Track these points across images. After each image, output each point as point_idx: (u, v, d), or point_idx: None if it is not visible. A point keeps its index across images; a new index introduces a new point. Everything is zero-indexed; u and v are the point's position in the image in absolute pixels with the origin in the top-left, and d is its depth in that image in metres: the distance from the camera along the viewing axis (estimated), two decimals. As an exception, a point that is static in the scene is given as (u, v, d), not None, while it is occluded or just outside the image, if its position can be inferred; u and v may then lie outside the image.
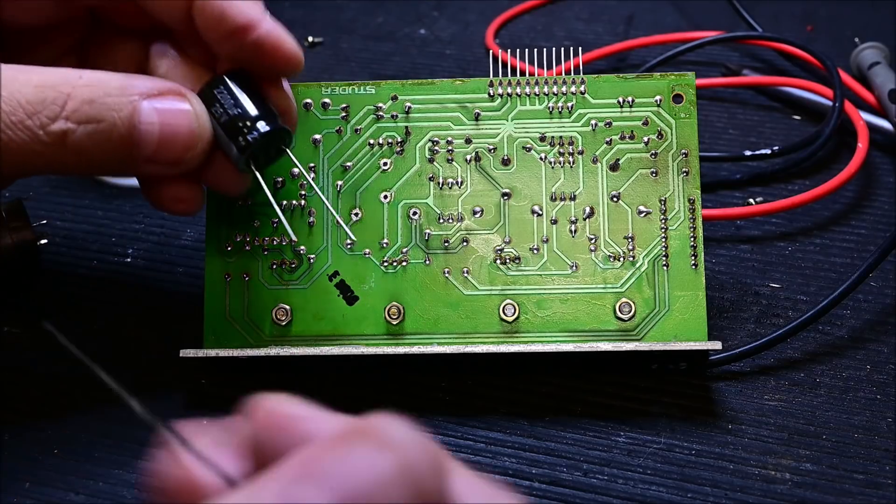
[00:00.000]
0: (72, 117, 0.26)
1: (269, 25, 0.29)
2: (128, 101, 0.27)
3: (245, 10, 0.29)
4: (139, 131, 0.27)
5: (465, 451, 0.31)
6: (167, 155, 0.28)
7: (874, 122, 0.46)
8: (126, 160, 0.28)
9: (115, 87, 0.27)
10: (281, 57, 0.29)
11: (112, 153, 0.27)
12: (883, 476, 0.30)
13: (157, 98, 0.28)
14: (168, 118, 0.28)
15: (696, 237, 0.33)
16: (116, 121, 0.27)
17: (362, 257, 0.34)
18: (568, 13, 0.60)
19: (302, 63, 0.30)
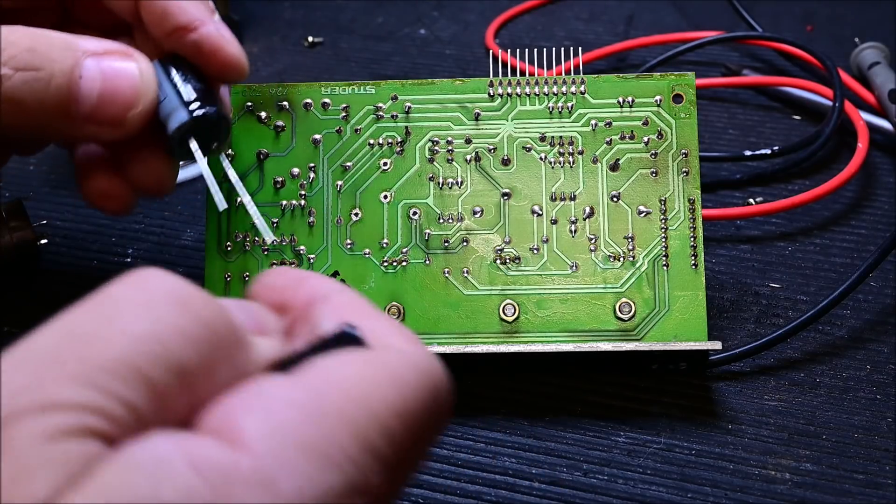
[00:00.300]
0: (9, 63, 0.26)
1: (210, 28, 0.28)
2: (71, 55, 0.27)
3: (187, 10, 0.28)
4: (78, 85, 0.27)
5: (465, 451, 0.31)
6: (107, 113, 0.27)
7: (874, 122, 0.46)
8: (63, 116, 0.27)
9: (60, 40, 0.27)
10: (220, 61, 0.29)
11: (48, 106, 0.26)
12: (883, 476, 0.30)
13: (103, 56, 0.27)
14: (111, 75, 0.27)
15: (696, 237, 0.33)
16: (56, 71, 0.26)
17: (362, 257, 0.34)
18: (568, 13, 0.60)
19: (245, 70, 0.30)
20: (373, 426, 0.17)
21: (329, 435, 0.17)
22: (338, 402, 0.17)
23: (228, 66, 0.29)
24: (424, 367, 0.19)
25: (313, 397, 0.17)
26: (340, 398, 0.17)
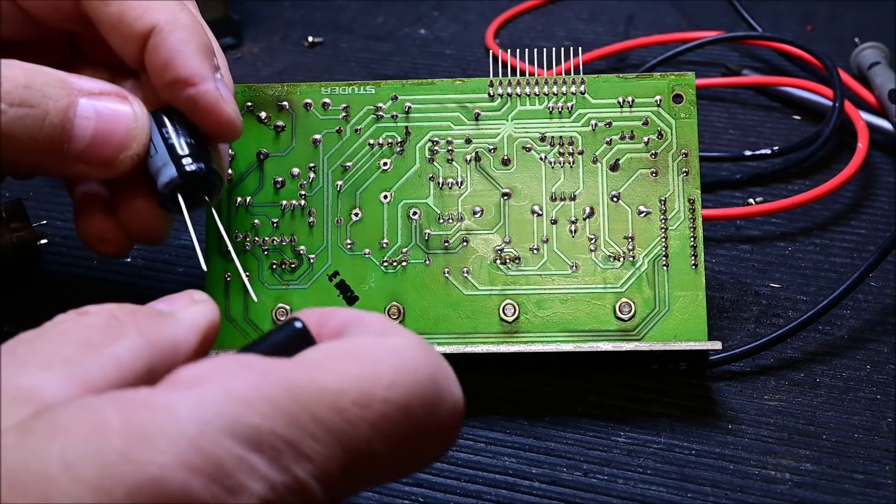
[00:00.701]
0: (5, 98, 0.26)
1: (209, 86, 0.28)
2: (66, 94, 0.27)
3: (190, 65, 0.28)
4: (73, 124, 0.27)
5: (465, 451, 0.31)
6: (99, 154, 0.27)
7: (874, 122, 0.46)
8: (56, 154, 0.27)
9: (57, 78, 0.27)
10: (213, 120, 0.29)
11: (41, 143, 0.26)
12: (883, 476, 0.30)
13: (98, 97, 0.27)
14: (105, 117, 0.27)
15: (696, 237, 0.33)
16: (50, 109, 0.26)
17: (362, 257, 0.34)
18: (568, 13, 0.60)
19: (238, 133, 0.29)
20: (319, 407, 0.18)
21: (261, 395, 0.18)
22: (289, 378, 0.19)
23: (222, 126, 0.29)
24: (411, 368, 0.20)
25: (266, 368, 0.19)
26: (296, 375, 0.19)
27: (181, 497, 0.17)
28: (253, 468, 0.17)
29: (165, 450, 0.17)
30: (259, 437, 0.18)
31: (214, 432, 0.17)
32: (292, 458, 0.18)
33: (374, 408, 0.19)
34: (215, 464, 0.17)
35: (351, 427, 0.18)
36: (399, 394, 0.19)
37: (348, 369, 0.19)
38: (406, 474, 0.21)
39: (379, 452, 0.19)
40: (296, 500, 0.18)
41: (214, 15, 0.55)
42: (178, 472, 0.17)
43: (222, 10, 0.56)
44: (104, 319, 0.21)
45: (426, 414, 0.19)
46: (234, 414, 0.18)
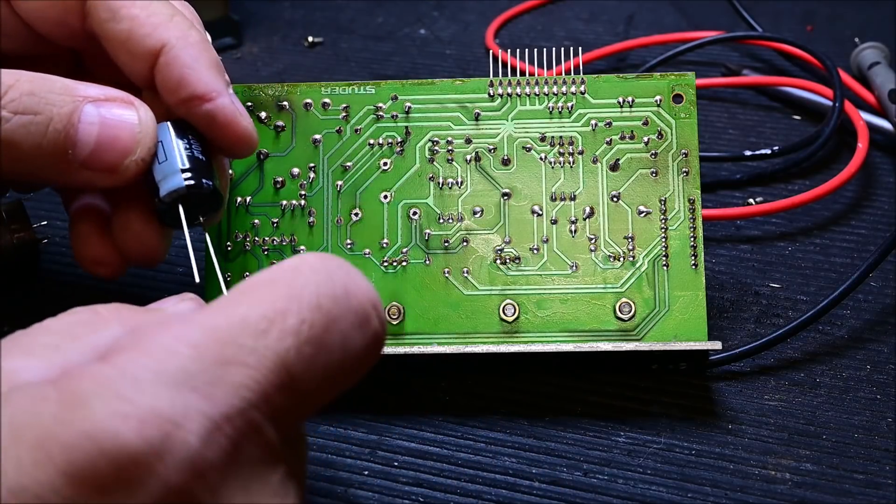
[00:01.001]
0: (8, 106, 0.26)
1: (226, 100, 0.28)
2: (70, 100, 0.27)
3: (205, 80, 0.28)
4: (76, 130, 0.27)
5: (465, 451, 0.31)
6: (103, 159, 0.27)
7: (874, 122, 0.46)
8: (60, 161, 0.27)
9: (61, 86, 0.27)
10: (232, 134, 0.29)
11: (45, 150, 0.26)
12: (883, 476, 0.30)
13: (103, 103, 0.27)
14: (109, 122, 0.27)
15: (696, 237, 0.33)
16: (54, 115, 0.26)
17: (362, 257, 0.34)
18: (568, 13, 0.60)
19: (254, 146, 0.30)
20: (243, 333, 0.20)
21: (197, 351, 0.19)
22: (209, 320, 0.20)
23: (240, 139, 0.29)
24: (309, 272, 0.21)
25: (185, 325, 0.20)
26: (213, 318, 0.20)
27: (113, 446, 0.17)
28: (187, 406, 0.18)
29: (97, 407, 0.18)
30: (188, 378, 0.19)
31: (143, 384, 0.18)
32: (226, 390, 0.19)
33: (291, 317, 0.20)
34: (145, 409, 0.18)
35: (277, 342, 0.20)
36: (308, 297, 0.20)
37: (257, 295, 0.20)
38: (346, 381, 0.22)
39: (310, 358, 0.20)
40: (240, 432, 0.19)
41: (214, 15, 0.55)
42: (108, 424, 0.18)
43: (222, 10, 0.56)
44: (88, 316, 0.22)
45: (340, 306, 0.21)
46: (159, 364, 0.19)
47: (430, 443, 0.31)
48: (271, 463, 0.20)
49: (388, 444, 0.31)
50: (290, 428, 0.21)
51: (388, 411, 0.32)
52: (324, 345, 0.20)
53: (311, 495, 0.29)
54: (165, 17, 0.28)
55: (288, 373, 0.20)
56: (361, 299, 0.21)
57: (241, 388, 0.19)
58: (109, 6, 0.28)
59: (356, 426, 0.32)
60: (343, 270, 0.22)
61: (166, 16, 0.28)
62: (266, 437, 0.19)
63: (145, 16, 0.28)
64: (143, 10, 0.28)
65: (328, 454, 0.31)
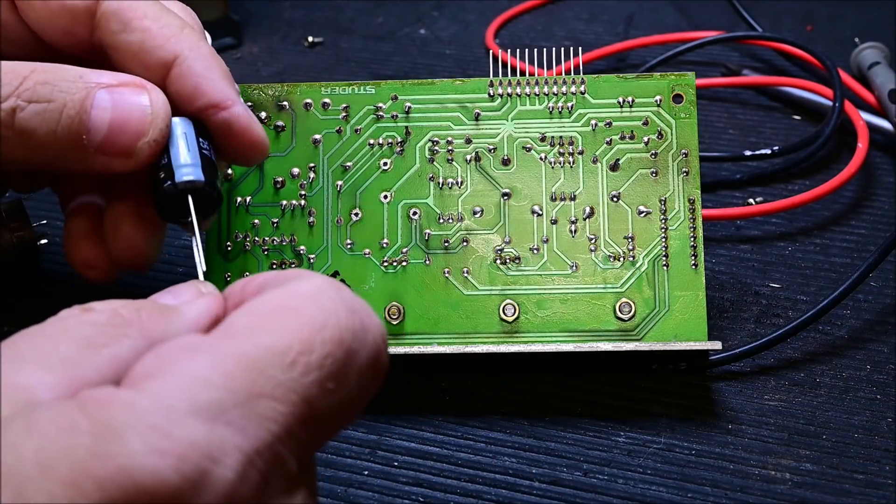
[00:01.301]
0: (23, 95, 0.26)
1: (241, 109, 0.29)
2: (83, 86, 0.27)
3: (220, 89, 0.28)
4: (90, 115, 0.27)
5: (465, 451, 0.31)
6: (117, 142, 0.27)
7: (874, 122, 0.46)
8: (75, 147, 0.27)
9: (74, 73, 0.27)
10: (248, 140, 0.29)
11: (60, 137, 0.27)
12: (883, 476, 0.30)
13: (116, 88, 0.27)
14: (121, 105, 0.27)
15: (696, 237, 0.33)
16: (67, 102, 0.26)
17: (362, 257, 0.34)
18: (568, 13, 0.60)
19: (267, 153, 0.30)
20: (271, 362, 0.19)
21: (226, 375, 0.19)
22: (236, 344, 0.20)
23: (255, 146, 0.29)
24: (332, 307, 0.21)
25: (215, 345, 0.20)
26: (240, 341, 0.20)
27: (152, 482, 0.17)
28: (223, 441, 0.18)
29: (132, 440, 0.17)
30: (222, 410, 0.18)
31: (178, 416, 0.18)
32: (258, 423, 0.19)
33: (316, 351, 0.20)
34: (184, 444, 0.18)
35: (302, 376, 0.19)
36: (332, 332, 0.20)
37: (282, 324, 0.20)
38: (359, 410, 0.22)
39: (330, 392, 0.20)
40: (269, 466, 0.19)
41: (214, 15, 0.55)
42: (146, 459, 0.17)
43: (222, 10, 0.56)
44: (107, 318, 0.21)
45: (358, 342, 0.21)
46: (192, 394, 0.18)
47: (430, 443, 0.31)
48: (293, 492, 0.20)
49: (388, 444, 0.31)
50: (309, 457, 0.21)
51: (388, 411, 0.32)
52: (343, 379, 0.20)
53: (311, 495, 0.29)
54: (176, 29, 0.29)
55: (310, 407, 0.20)
56: (376, 335, 0.21)
57: (270, 421, 0.19)
58: (121, 18, 0.28)
59: (356, 426, 0.32)
60: (358, 304, 0.21)
61: (177, 28, 0.29)
62: (289, 469, 0.19)
63: (157, 28, 0.28)
64: (155, 22, 0.28)
65: (328, 454, 0.31)
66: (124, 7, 0.29)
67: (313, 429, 0.20)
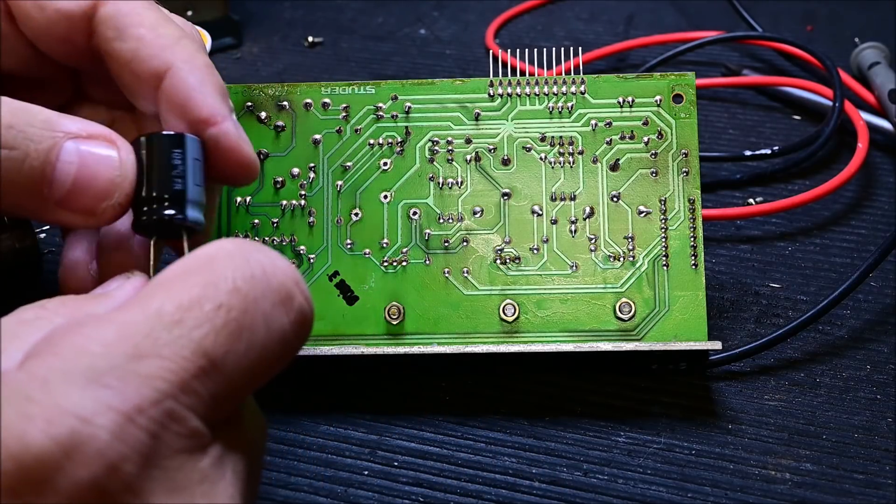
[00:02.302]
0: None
1: (230, 125, 0.27)
2: (50, 136, 0.25)
3: (210, 103, 0.27)
4: (54, 168, 0.25)
5: (465, 451, 0.31)
6: (80, 201, 0.26)
7: (874, 122, 0.46)
8: (36, 199, 0.25)
9: (42, 119, 0.25)
10: (235, 159, 0.27)
11: (20, 187, 0.25)
12: (883, 476, 0.30)
13: (84, 140, 0.26)
14: (88, 162, 0.25)
15: (696, 237, 0.33)
16: (31, 152, 0.25)
17: (362, 257, 0.34)
18: (568, 13, 0.60)
19: (255, 176, 0.28)
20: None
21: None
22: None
23: (242, 167, 0.28)
24: (224, 257, 0.21)
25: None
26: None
27: (20, 448, 0.17)
28: (96, 402, 0.18)
29: (6, 412, 0.18)
30: (98, 376, 0.19)
31: (52, 385, 0.18)
32: (138, 382, 0.19)
33: (206, 304, 0.20)
34: (51, 408, 0.18)
35: (192, 330, 0.20)
36: (224, 283, 0.20)
37: (172, 286, 0.20)
38: (276, 361, 0.22)
39: (229, 341, 0.20)
40: (157, 423, 0.19)
41: (214, 15, 0.55)
42: (15, 427, 0.18)
43: (222, 10, 0.56)
44: (33, 313, 0.22)
45: (258, 287, 0.21)
46: (67, 365, 0.19)
47: (430, 443, 0.31)
48: (198, 449, 0.20)
49: (388, 444, 0.31)
50: (223, 411, 0.20)
51: (388, 411, 0.32)
52: (244, 327, 0.20)
53: (312, 495, 0.29)
54: (172, 40, 0.28)
55: (207, 359, 0.20)
56: (281, 278, 0.21)
57: (155, 379, 0.19)
58: (117, 25, 0.28)
59: (356, 426, 0.32)
60: (261, 253, 0.22)
61: (173, 38, 0.28)
62: (190, 425, 0.19)
63: (152, 37, 0.27)
64: (151, 31, 0.28)
65: (328, 454, 0.31)
66: (121, 13, 0.28)
67: (220, 381, 0.20)
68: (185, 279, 0.21)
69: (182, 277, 0.21)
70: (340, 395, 0.33)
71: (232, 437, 0.21)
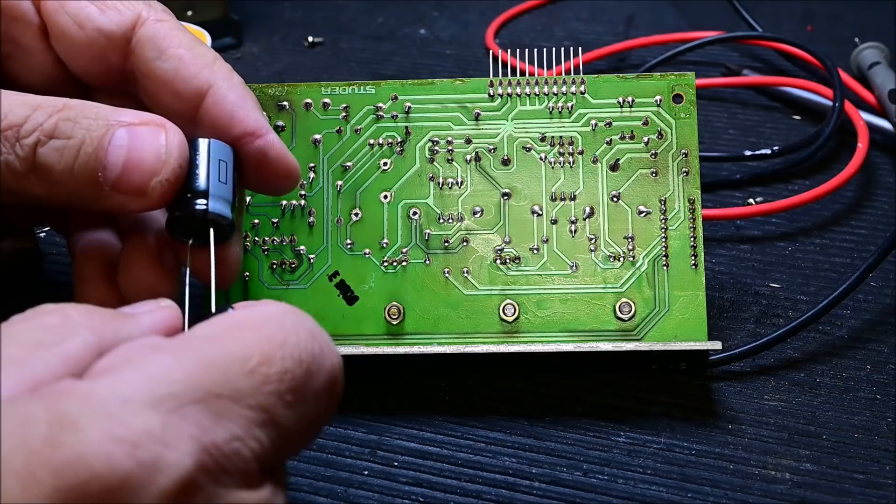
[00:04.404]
0: (45, 131, 0.26)
1: (275, 136, 0.29)
2: (104, 124, 0.27)
3: (254, 117, 0.29)
4: (107, 153, 0.27)
5: (465, 451, 0.31)
6: (131, 181, 0.27)
7: (874, 122, 0.46)
8: (92, 185, 0.27)
9: (97, 111, 0.27)
10: (283, 169, 0.29)
11: (77, 174, 0.27)
12: (883, 476, 0.30)
13: (135, 127, 0.27)
14: (137, 144, 0.27)
15: (696, 237, 0.33)
16: (86, 138, 0.26)
17: (362, 257, 0.34)
18: (568, 13, 0.60)
19: (298, 181, 0.30)
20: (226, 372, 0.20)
21: (182, 375, 0.20)
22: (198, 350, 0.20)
23: (289, 175, 0.29)
24: (292, 328, 0.22)
25: (176, 349, 0.20)
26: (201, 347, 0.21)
27: (107, 469, 0.17)
28: (178, 430, 0.19)
29: (87, 428, 0.18)
30: (180, 405, 0.19)
31: (134, 406, 0.19)
32: (214, 419, 0.19)
33: (276, 364, 0.21)
34: (138, 431, 0.18)
35: (262, 385, 0.20)
36: (291, 350, 0.21)
37: (243, 336, 0.21)
38: (315, 432, 0.23)
39: (289, 407, 0.21)
40: (227, 461, 0.19)
41: (214, 15, 0.55)
42: (101, 447, 0.18)
43: (222, 10, 0.56)
44: (57, 318, 0.22)
45: (317, 365, 0.22)
46: (151, 387, 0.19)
47: (430, 443, 0.31)
48: (255, 486, 0.21)
49: (388, 444, 0.31)
50: (272, 463, 0.21)
51: (388, 411, 0.32)
52: (301, 397, 0.21)
53: (312, 495, 0.29)
54: (210, 60, 0.29)
55: (269, 415, 0.21)
56: (334, 362, 0.23)
57: (228, 420, 0.20)
58: (157, 45, 0.29)
59: (356, 426, 0.32)
60: (318, 330, 0.23)
61: (210, 58, 0.29)
62: (250, 467, 0.20)
63: (191, 57, 0.29)
64: (189, 51, 0.29)
65: (328, 454, 0.31)
66: (160, 35, 0.29)
67: (274, 437, 0.21)
68: (254, 332, 0.21)
69: (252, 330, 0.21)
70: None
71: (273, 489, 0.22)
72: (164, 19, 0.29)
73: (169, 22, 0.29)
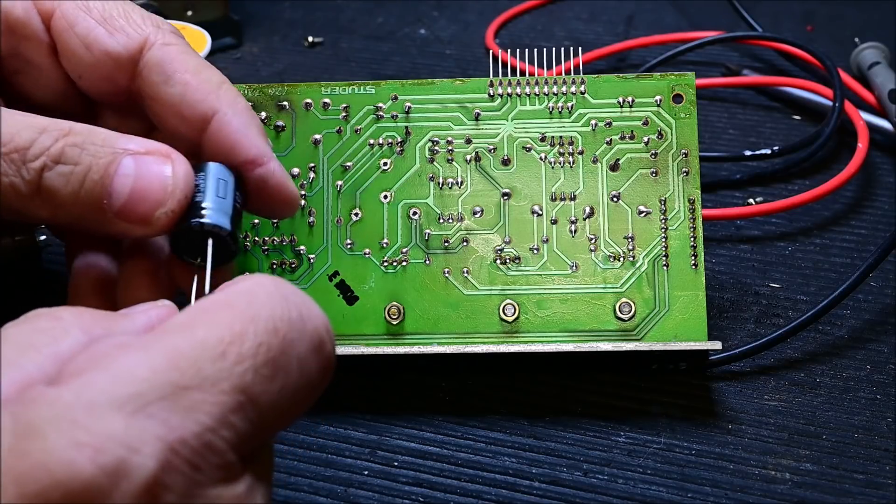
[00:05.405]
0: (52, 155, 0.26)
1: (276, 164, 0.29)
2: (111, 152, 0.27)
3: (257, 144, 0.29)
4: (112, 181, 0.27)
5: (465, 451, 0.31)
6: (136, 210, 0.27)
7: (874, 122, 0.46)
8: (97, 211, 0.27)
9: (103, 138, 0.27)
10: (282, 197, 0.29)
11: (82, 200, 0.27)
12: (883, 476, 0.30)
13: (142, 156, 0.27)
14: (144, 174, 0.27)
15: (696, 237, 0.33)
16: (93, 165, 0.27)
17: (362, 257, 0.34)
18: (568, 13, 0.60)
19: (297, 208, 0.30)
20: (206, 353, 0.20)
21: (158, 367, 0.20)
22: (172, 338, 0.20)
23: (287, 203, 0.30)
24: (265, 297, 0.22)
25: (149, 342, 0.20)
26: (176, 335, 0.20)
27: (68, 476, 0.17)
28: (143, 431, 0.19)
29: (50, 435, 0.18)
30: (145, 404, 0.19)
31: (98, 410, 0.18)
32: (183, 415, 0.19)
33: (249, 340, 0.21)
34: (101, 436, 0.18)
35: (234, 365, 0.20)
36: (265, 322, 0.21)
37: (215, 318, 0.21)
38: (304, 403, 0.22)
39: (267, 380, 0.21)
40: (198, 455, 0.19)
41: (214, 15, 0.55)
42: (63, 454, 0.18)
43: (222, 10, 0.56)
44: (48, 322, 0.22)
45: (296, 332, 0.21)
46: (116, 389, 0.19)
47: (430, 443, 0.31)
48: (233, 480, 0.20)
49: (388, 444, 0.31)
50: (252, 447, 0.21)
51: (388, 411, 0.32)
52: (280, 368, 0.21)
53: (312, 495, 0.29)
54: (216, 85, 0.29)
55: (245, 395, 0.20)
56: (316, 323, 0.22)
57: (198, 412, 0.19)
58: (164, 69, 0.29)
59: (356, 426, 0.32)
60: (297, 296, 0.22)
61: (216, 83, 0.29)
62: (226, 459, 0.20)
63: (197, 82, 0.29)
64: (195, 76, 0.29)
65: (328, 454, 0.31)
66: (168, 59, 0.29)
67: (254, 418, 0.20)
68: (226, 311, 0.21)
69: (223, 309, 0.21)
70: (340, 395, 0.33)
71: (259, 470, 0.21)
72: (171, 42, 0.29)
73: (177, 46, 0.29)
